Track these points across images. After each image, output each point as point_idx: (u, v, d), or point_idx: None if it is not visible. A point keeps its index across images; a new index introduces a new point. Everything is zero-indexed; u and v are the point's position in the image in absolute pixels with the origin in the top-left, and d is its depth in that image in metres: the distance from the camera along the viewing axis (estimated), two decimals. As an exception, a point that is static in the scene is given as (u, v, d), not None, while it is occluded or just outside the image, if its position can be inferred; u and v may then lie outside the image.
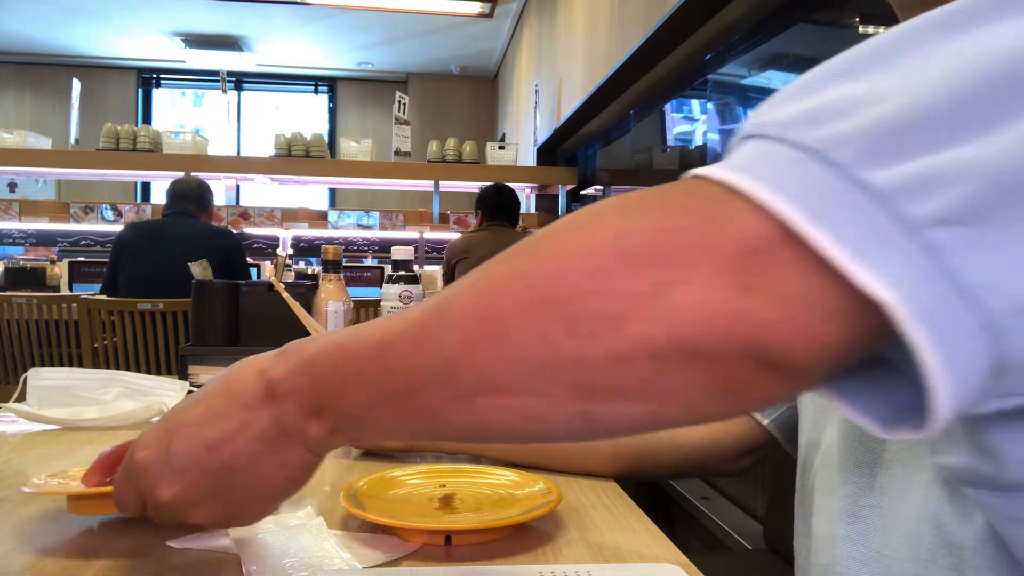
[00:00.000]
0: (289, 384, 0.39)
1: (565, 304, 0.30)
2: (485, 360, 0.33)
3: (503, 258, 0.35)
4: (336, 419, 0.39)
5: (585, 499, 0.73)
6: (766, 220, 0.28)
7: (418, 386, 0.35)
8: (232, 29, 6.63)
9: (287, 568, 0.55)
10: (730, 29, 2.57)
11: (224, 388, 0.42)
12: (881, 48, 0.31)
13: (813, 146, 0.28)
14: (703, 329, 0.29)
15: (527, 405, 0.33)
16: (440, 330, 0.34)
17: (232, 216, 4.39)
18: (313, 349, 0.39)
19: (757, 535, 1.53)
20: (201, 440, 0.41)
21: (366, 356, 0.37)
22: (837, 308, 0.28)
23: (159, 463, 0.42)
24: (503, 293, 0.33)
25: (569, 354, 0.31)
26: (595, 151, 4.81)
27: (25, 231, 4.66)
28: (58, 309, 2.99)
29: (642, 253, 0.30)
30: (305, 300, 1.31)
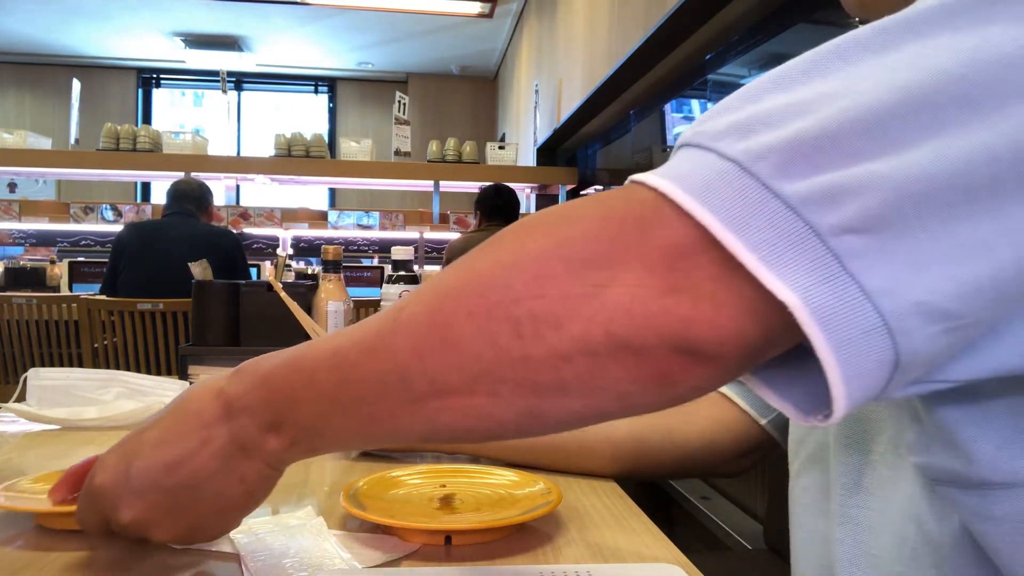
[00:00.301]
0: (245, 401, 0.40)
1: (511, 307, 0.33)
2: (436, 364, 0.35)
3: (454, 265, 0.37)
4: (293, 432, 0.40)
5: (585, 499, 0.73)
6: (691, 226, 0.31)
7: (372, 394, 0.37)
8: (232, 29, 6.63)
9: (287, 568, 0.55)
10: (730, 29, 2.57)
11: (181, 409, 0.43)
12: (814, 61, 0.32)
13: (737, 157, 0.30)
14: (632, 325, 0.31)
15: (478, 405, 0.35)
16: (392, 337, 0.36)
17: (232, 216, 4.39)
18: (268, 366, 0.41)
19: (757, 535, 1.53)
20: (159, 460, 0.41)
21: (320, 367, 0.38)
22: (751, 307, 0.30)
23: (119, 485, 0.43)
24: (453, 299, 0.34)
25: (516, 354, 0.33)
26: (595, 151, 4.81)
27: (25, 231, 4.66)
28: (58, 309, 2.99)
29: (581, 258, 0.32)
30: (305, 300, 1.30)
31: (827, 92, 0.31)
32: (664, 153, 3.53)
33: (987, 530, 0.36)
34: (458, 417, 0.35)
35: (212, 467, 0.41)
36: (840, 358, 0.28)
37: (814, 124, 0.30)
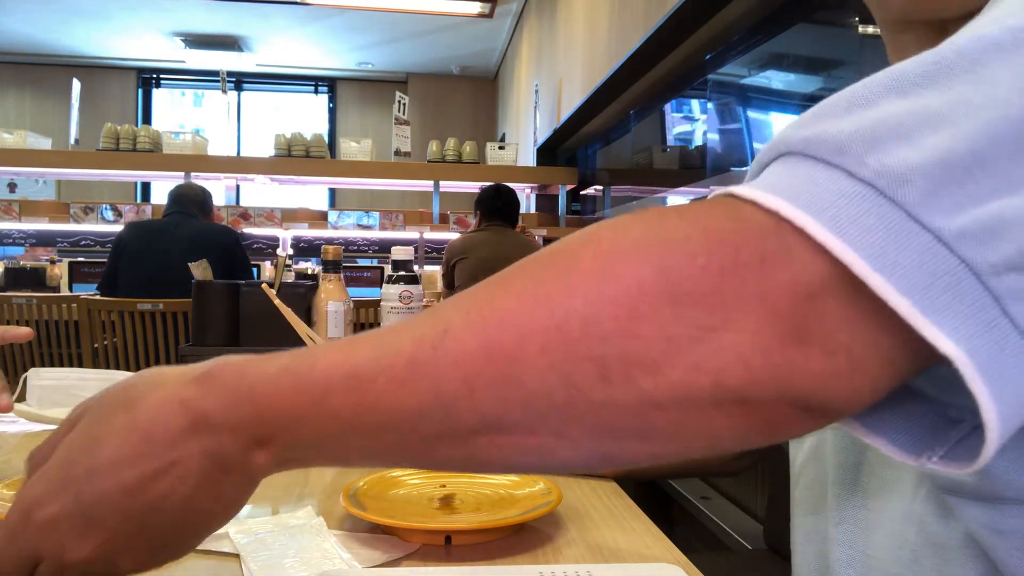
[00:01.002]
0: (224, 417, 0.34)
1: (597, 346, 0.28)
2: (492, 401, 0.30)
3: (511, 283, 0.31)
4: (288, 449, 0.35)
5: (585, 499, 0.73)
6: (823, 263, 0.26)
7: (403, 424, 0.31)
8: (232, 29, 6.63)
9: (287, 568, 0.55)
10: (730, 29, 2.57)
11: (134, 423, 0.35)
12: (937, 63, 0.28)
13: (874, 180, 0.26)
14: (748, 378, 0.27)
15: (538, 444, 0.30)
16: (433, 368, 0.30)
17: (232, 216, 4.39)
18: (255, 377, 0.34)
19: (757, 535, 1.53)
20: (118, 485, 0.34)
21: (334, 389, 0.32)
22: (889, 356, 0.27)
23: (70, 518, 0.35)
24: (518, 330, 0.29)
25: (597, 398, 0.28)
26: (595, 151, 4.81)
27: (25, 231, 4.66)
28: (58, 309, 2.99)
29: (688, 294, 0.27)
30: (305, 300, 1.30)
31: (961, 100, 0.27)
32: (664, 153, 3.53)
33: (996, 543, 0.36)
34: (510, 454, 0.31)
35: (183, 489, 0.34)
36: (1001, 413, 0.25)
37: (960, 141, 0.26)
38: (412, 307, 1.18)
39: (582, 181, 4.91)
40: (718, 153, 2.80)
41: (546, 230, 4.70)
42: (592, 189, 4.83)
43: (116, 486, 0.34)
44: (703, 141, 3.01)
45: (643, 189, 3.71)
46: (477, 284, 0.32)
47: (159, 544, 0.37)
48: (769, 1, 2.27)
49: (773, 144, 0.30)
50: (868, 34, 1.80)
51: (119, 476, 0.34)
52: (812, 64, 2.20)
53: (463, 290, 0.33)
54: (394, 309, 1.19)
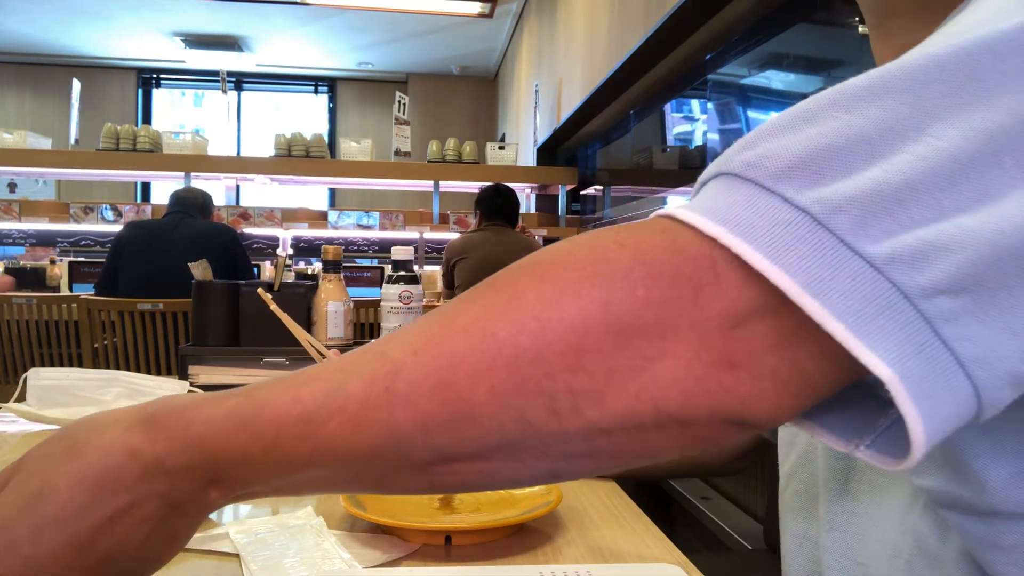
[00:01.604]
0: (177, 462, 0.33)
1: (544, 381, 0.29)
2: (446, 438, 0.30)
3: (457, 318, 0.31)
4: (240, 487, 0.34)
5: (585, 499, 0.73)
6: (754, 290, 0.28)
7: (355, 461, 0.32)
8: (232, 29, 6.63)
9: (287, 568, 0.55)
10: (730, 29, 2.57)
11: (81, 472, 0.33)
12: (882, 78, 0.29)
13: (809, 207, 0.27)
14: (684, 403, 0.29)
15: (491, 468, 0.31)
16: (385, 412, 0.30)
17: (232, 216, 4.39)
18: (205, 422, 0.33)
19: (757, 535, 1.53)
20: (69, 540, 0.33)
21: (285, 434, 0.32)
22: (813, 377, 0.28)
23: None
24: (466, 371, 0.29)
25: (548, 430, 0.29)
26: (595, 151, 4.81)
27: (25, 231, 4.66)
28: (58, 309, 2.99)
29: (628, 326, 0.28)
30: (305, 300, 1.31)
31: (894, 127, 0.28)
32: (664, 153, 3.53)
33: (994, 559, 0.35)
34: (465, 478, 0.32)
35: (138, 534, 0.34)
36: (927, 429, 0.26)
37: (893, 173, 0.27)
38: (412, 307, 1.18)
39: (582, 181, 4.91)
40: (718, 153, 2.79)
41: (546, 230, 4.70)
42: (592, 189, 4.83)
43: (69, 539, 0.33)
44: (703, 141, 3.01)
45: (643, 189, 3.71)
46: (424, 316, 0.33)
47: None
48: (769, 1, 2.27)
49: (716, 163, 0.31)
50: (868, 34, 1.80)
51: (70, 530, 0.33)
52: (812, 64, 2.20)
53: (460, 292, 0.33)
54: (394, 309, 1.19)
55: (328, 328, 1.29)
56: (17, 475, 0.35)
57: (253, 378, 1.25)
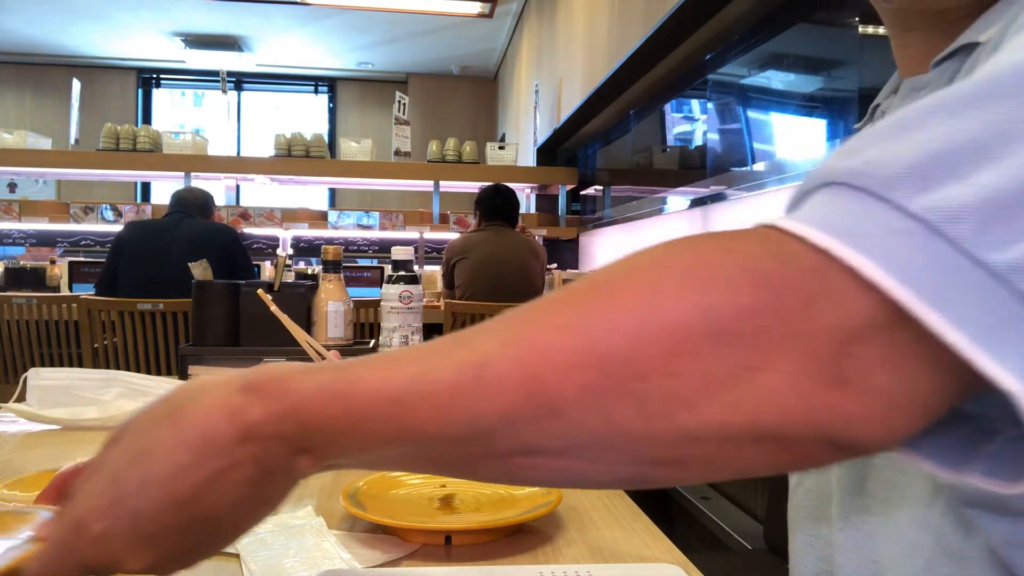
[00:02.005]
0: (272, 428, 0.35)
1: (636, 383, 0.28)
2: (531, 432, 0.30)
3: (550, 314, 0.31)
4: (328, 458, 0.36)
5: (585, 499, 0.73)
6: (867, 304, 0.26)
7: (440, 445, 0.32)
8: (232, 29, 6.63)
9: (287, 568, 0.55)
10: (730, 29, 2.57)
11: (182, 434, 0.35)
12: (990, 89, 0.28)
13: (925, 216, 0.26)
14: (784, 419, 0.27)
15: (573, 466, 0.31)
16: (475, 400, 0.31)
17: (232, 216, 4.39)
18: (301, 393, 0.34)
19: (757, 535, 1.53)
20: (170, 498, 0.35)
21: (375, 413, 0.33)
22: (927, 396, 0.27)
23: (125, 534, 0.36)
24: (557, 367, 0.29)
25: (635, 431, 0.29)
26: (595, 151, 4.81)
27: (25, 231, 4.66)
28: (58, 309, 2.99)
29: (729, 333, 0.27)
30: (305, 300, 1.31)
31: (1007, 130, 0.27)
32: (664, 153, 3.53)
33: (1021, 558, 0.35)
34: (543, 473, 0.32)
35: (233, 496, 0.36)
36: None
37: (1009, 178, 0.26)
38: (412, 307, 1.18)
39: (582, 181, 4.91)
40: (718, 153, 2.80)
41: (546, 230, 4.70)
42: (592, 189, 4.83)
43: (170, 498, 0.35)
44: (703, 141, 3.01)
45: (643, 189, 3.71)
46: (512, 311, 0.32)
47: (204, 546, 0.38)
48: (769, 1, 2.27)
49: (817, 173, 0.30)
50: (868, 34, 1.80)
51: (172, 487, 0.35)
52: (812, 64, 2.20)
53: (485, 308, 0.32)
54: (394, 309, 1.19)
55: (328, 328, 1.29)
56: (127, 433, 0.37)
57: (253, 378, 1.25)
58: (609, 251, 4.39)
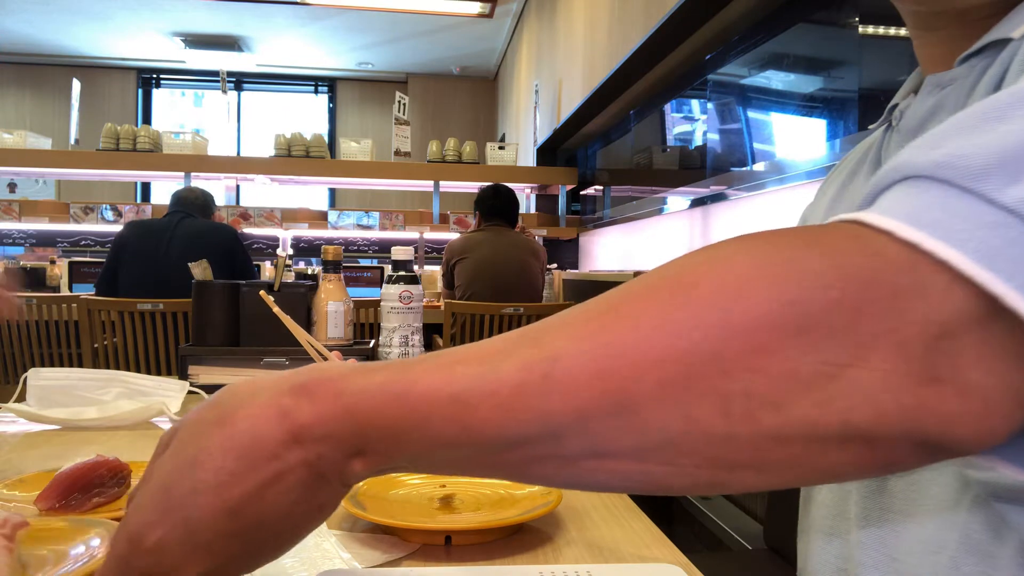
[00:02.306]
0: (324, 429, 0.34)
1: (718, 380, 0.27)
2: (604, 432, 0.29)
3: (624, 308, 0.30)
4: (383, 460, 0.35)
5: (585, 499, 0.73)
6: (962, 298, 0.26)
7: (503, 446, 0.31)
8: (232, 29, 6.63)
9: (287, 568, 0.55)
10: (730, 29, 2.57)
11: (231, 439, 0.35)
12: None
13: (1018, 208, 0.25)
14: (876, 418, 0.26)
15: (646, 470, 0.30)
16: (543, 398, 0.29)
17: (232, 216, 4.40)
18: (356, 394, 0.33)
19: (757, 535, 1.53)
20: (222, 507, 0.35)
21: (435, 413, 0.32)
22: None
23: (180, 543, 0.35)
24: (633, 362, 0.28)
25: (716, 432, 0.28)
26: (595, 151, 4.81)
27: (25, 231, 4.66)
28: (58, 309, 2.99)
29: (816, 329, 0.26)
30: (305, 300, 1.31)
31: None
32: (664, 153, 3.53)
33: None
34: (614, 478, 0.31)
35: (286, 501, 0.35)
36: None
37: None
38: (412, 307, 1.18)
39: (582, 181, 4.91)
40: (718, 153, 2.80)
41: (546, 230, 4.70)
42: (592, 189, 4.83)
43: (222, 505, 0.34)
44: (703, 141, 3.01)
45: (643, 189, 3.71)
46: (583, 305, 0.31)
47: (261, 552, 0.37)
48: (769, 1, 2.27)
49: (896, 165, 0.29)
50: (868, 34, 1.80)
51: (223, 495, 0.34)
52: (812, 64, 2.20)
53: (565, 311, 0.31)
54: (394, 309, 1.19)
55: (328, 328, 1.29)
56: (175, 439, 0.37)
57: (253, 378, 1.25)
58: (609, 251, 4.39)
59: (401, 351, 1.19)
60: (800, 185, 2.06)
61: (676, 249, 3.19)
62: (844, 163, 0.66)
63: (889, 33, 1.76)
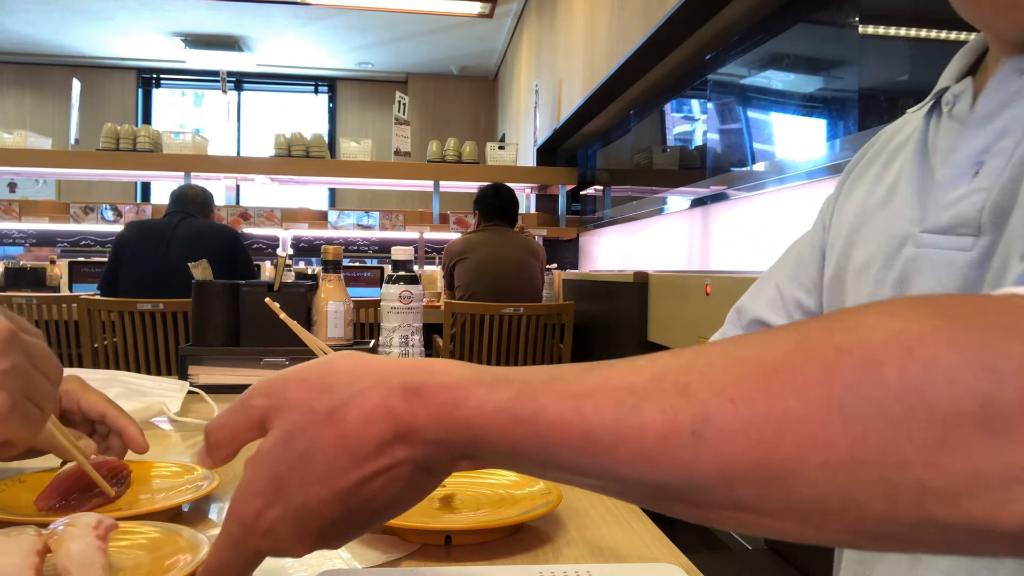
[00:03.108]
0: (437, 435, 0.34)
1: (892, 471, 0.25)
2: (750, 494, 0.28)
3: (788, 375, 0.28)
4: (493, 464, 0.36)
5: (585, 499, 0.73)
6: None
7: (637, 486, 0.31)
8: (232, 29, 6.63)
9: (287, 568, 0.55)
10: (730, 29, 2.57)
11: (342, 440, 0.36)
12: None
13: None
14: None
15: (785, 528, 0.29)
16: (690, 455, 0.28)
17: (232, 216, 4.40)
18: (478, 409, 0.33)
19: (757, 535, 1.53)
20: (332, 496, 0.36)
21: (561, 444, 0.31)
22: None
23: (289, 525, 0.37)
24: (799, 439, 0.26)
25: (873, 513, 0.26)
26: (595, 151, 4.81)
27: (25, 231, 4.66)
28: (58, 309, 2.99)
29: (1009, 430, 0.24)
30: (305, 300, 1.31)
31: None
32: (664, 153, 3.53)
33: None
34: (749, 527, 0.30)
35: (392, 489, 0.36)
36: None
37: None
38: (412, 307, 1.18)
39: (582, 181, 4.91)
40: (718, 153, 2.80)
41: (546, 230, 4.71)
42: (592, 189, 4.83)
43: (331, 496, 0.36)
44: (703, 141, 3.01)
45: (643, 189, 3.71)
46: (732, 350, 0.30)
47: (363, 528, 0.39)
48: (769, 1, 2.27)
49: None
50: (868, 34, 1.80)
51: (333, 487, 0.36)
52: (812, 64, 2.20)
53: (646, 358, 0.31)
54: (394, 309, 1.19)
55: (328, 328, 1.29)
56: (278, 421, 0.37)
57: (253, 378, 1.25)
58: (609, 251, 4.39)
59: (401, 351, 1.19)
60: (800, 185, 2.06)
61: (676, 249, 3.19)
62: (870, 152, 0.64)
63: (889, 33, 1.76)
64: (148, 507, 0.62)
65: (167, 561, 0.50)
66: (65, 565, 0.45)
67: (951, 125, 0.53)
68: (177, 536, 0.53)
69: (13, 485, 0.67)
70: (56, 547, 0.46)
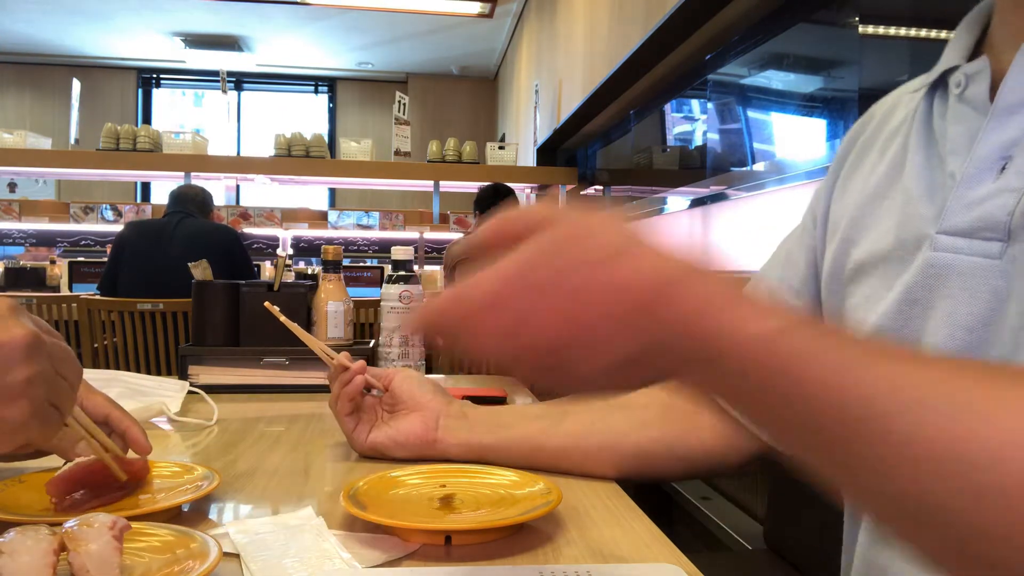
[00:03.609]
0: (683, 345, 0.35)
1: None
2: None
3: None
4: (719, 396, 0.37)
5: (585, 499, 0.73)
6: None
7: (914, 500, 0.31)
8: (232, 29, 6.63)
9: (287, 568, 0.55)
10: (730, 29, 2.57)
11: (612, 291, 0.36)
12: None
13: None
14: None
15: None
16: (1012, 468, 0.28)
17: (232, 216, 4.40)
18: (729, 338, 0.34)
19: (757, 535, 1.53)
20: (573, 332, 0.36)
21: (825, 410, 0.32)
22: None
23: (518, 327, 0.36)
24: (997, 500, 0.28)
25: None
26: (595, 151, 4.81)
27: (25, 231, 4.66)
28: (58, 309, 2.99)
29: None
30: (305, 300, 1.30)
31: None
32: (664, 153, 3.53)
33: None
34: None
35: (617, 343, 0.36)
36: None
37: None
38: (412, 307, 1.18)
39: (582, 181, 4.91)
40: (718, 153, 2.80)
41: (546, 230, 4.70)
42: (592, 189, 4.83)
43: (572, 330, 0.35)
44: (703, 141, 3.01)
45: (643, 189, 3.71)
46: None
47: (538, 373, 0.38)
48: (769, 1, 2.27)
49: None
50: (868, 34, 1.80)
51: (578, 306, 0.35)
52: (812, 64, 2.20)
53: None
54: (394, 309, 1.19)
55: (328, 328, 1.29)
56: (557, 229, 0.37)
57: (253, 378, 1.25)
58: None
59: (401, 351, 1.19)
60: (800, 185, 2.06)
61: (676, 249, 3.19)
62: (862, 139, 0.61)
63: (889, 33, 1.76)
64: (148, 507, 0.62)
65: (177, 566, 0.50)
66: (83, 564, 0.45)
67: (962, 110, 0.48)
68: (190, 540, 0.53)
69: (13, 485, 0.67)
70: (74, 546, 0.46)
